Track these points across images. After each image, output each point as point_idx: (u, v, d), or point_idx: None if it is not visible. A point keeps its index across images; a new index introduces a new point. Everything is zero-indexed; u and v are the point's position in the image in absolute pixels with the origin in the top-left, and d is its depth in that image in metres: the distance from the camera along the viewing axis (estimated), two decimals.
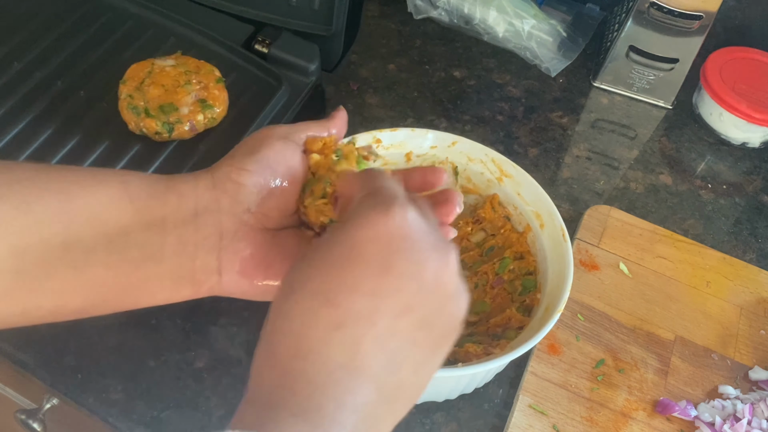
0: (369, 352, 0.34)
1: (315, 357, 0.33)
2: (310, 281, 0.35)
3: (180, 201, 0.42)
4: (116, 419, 0.57)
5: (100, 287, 0.40)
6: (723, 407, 0.62)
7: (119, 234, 0.40)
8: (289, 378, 0.33)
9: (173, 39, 0.78)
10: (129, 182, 0.42)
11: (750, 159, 0.87)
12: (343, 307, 0.34)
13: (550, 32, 0.92)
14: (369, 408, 0.34)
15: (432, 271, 0.36)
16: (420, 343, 0.36)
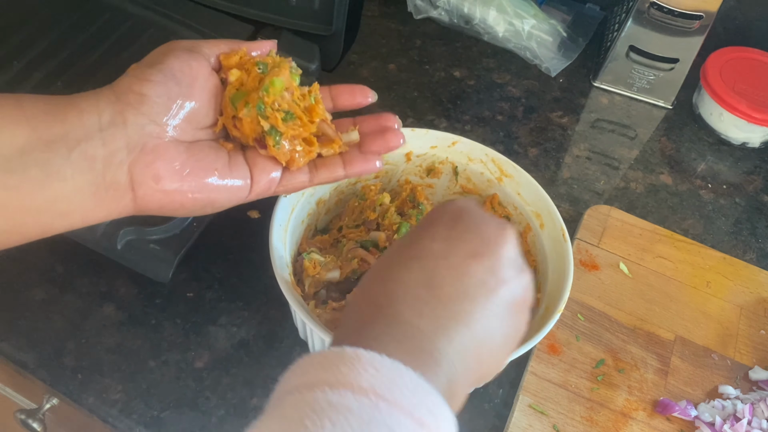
0: (444, 277, 0.38)
1: (397, 277, 0.39)
2: (397, 244, 0.42)
3: (81, 116, 0.41)
4: (116, 419, 0.57)
5: (4, 210, 0.39)
6: (723, 407, 0.62)
7: (17, 154, 0.39)
8: (376, 298, 0.38)
9: (173, 39, 0.77)
10: (23, 101, 0.40)
11: (750, 159, 0.87)
12: (421, 246, 0.40)
13: (550, 32, 0.92)
14: (443, 321, 0.37)
15: (492, 231, 0.41)
16: (492, 288, 0.39)
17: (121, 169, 0.41)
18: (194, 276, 0.66)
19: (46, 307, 0.62)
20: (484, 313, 0.38)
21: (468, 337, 0.37)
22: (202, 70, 0.45)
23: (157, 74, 0.43)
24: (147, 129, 0.42)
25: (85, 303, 0.63)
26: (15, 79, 0.72)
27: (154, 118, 0.42)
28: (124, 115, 0.41)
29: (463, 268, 0.39)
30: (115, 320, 0.62)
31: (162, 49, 0.45)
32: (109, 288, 0.64)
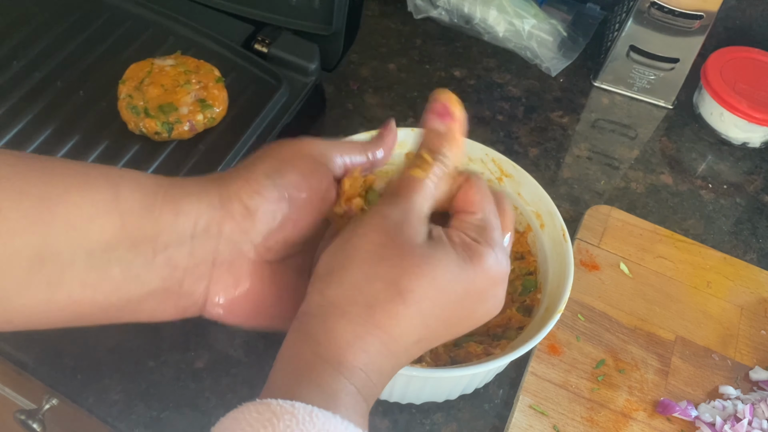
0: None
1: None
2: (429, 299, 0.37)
3: (176, 219, 0.37)
4: (116, 419, 0.57)
5: (76, 306, 0.36)
6: (723, 407, 0.62)
7: (102, 249, 0.36)
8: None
9: (173, 39, 0.78)
10: (121, 190, 0.37)
11: (750, 159, 0.87)
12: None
13: (550, 32, 0.92)
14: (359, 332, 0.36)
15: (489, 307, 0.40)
16: None
17: (200, 282, 0.38)
18: None
19: None
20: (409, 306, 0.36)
21: (382, 341, 0.36)
22: (321, 187, 0.40)
23: (270, 189, 0.38)
24: (239, 246, 0.38)
25: None
26: (15, 79, 0.72)
27: (251, 236, 0.38)
28: (221, 225, 0.38)
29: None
30: None
31: (287, 150, 0.40)
32: None
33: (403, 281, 0.35)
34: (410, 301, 0.35)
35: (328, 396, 0.33)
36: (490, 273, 0.38)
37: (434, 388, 0.58)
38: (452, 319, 0.38)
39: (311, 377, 0.34)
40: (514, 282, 0.63)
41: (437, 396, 0.60)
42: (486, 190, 0.41)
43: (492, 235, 0.39)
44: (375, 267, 0.36)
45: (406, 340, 0.36)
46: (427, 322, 0.36)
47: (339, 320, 0.35)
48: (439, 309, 0.36)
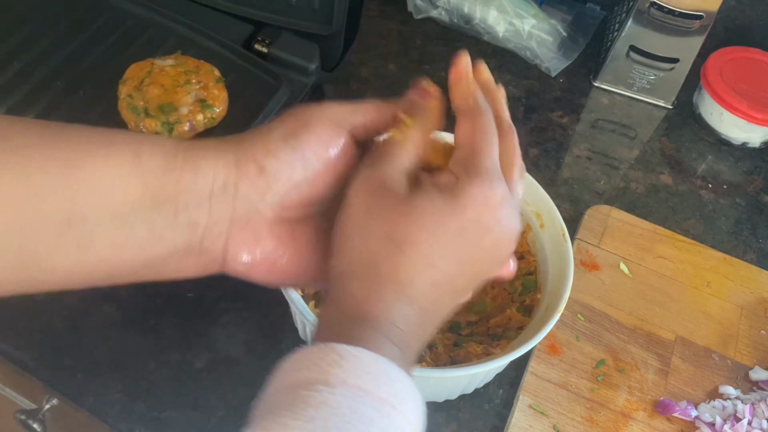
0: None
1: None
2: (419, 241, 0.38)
3: (195, 179, 0.38)
4: (116, 419, 0.57)
5: (105, 266, 0.38)
6: (723, 407, 0.62)
7: (128, 211, 0.37)
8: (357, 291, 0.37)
9: (173, 39, 0.77)
10: (142, 153, 0.38)
11: (750, 159, 0.87)
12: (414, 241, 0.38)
13: (550, 32, 0.92)
14: (381, 289, 0.37)
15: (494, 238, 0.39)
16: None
17: (219, 239, 0.39)
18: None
19: (46, 307, 0.62)
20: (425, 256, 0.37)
21: (408, 296, 0.37)
22: (340, 153, 0.41)
23: (286, 151, 0.39)
24: (255, 205, 0.39)
25: (85, 303, 0.63)
26: (15, 79, 0.72)
27: (267, 195, 0.39)
28: (237, 185, 0.39)
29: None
30: (115, 320, 0.62)
31: (305, 115, 0.41)
32: (109, 288, 0.64)
33: (395, 233, 0.37)
34: (407, 249, 0.37)
35: (356, 342, 0.35)
36: (477, 201, 0.37)
37: (434, 388, 0.58)
38: (460, 256, 0.38)
39: (339, 330, 0.36)
40: (514, 282, 0.63)
41: (437, 396, 0.60)
42: (482, 122, 0.41)
43: (477, 164, 0.39)
44: (368, 227, 0.38)
45: (418, 284, 0.37)
46: (433, 263, 0.37)
47: (351, 282, 0.37)
48: (439, 248, 0.37)
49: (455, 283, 0.39)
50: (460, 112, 0.42)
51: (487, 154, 0.39)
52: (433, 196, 0.38)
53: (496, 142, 0.40)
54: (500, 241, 0.39)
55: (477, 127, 0.40)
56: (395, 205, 0.37)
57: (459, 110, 0.42)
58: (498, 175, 0.39)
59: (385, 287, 0.37)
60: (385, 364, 0.34)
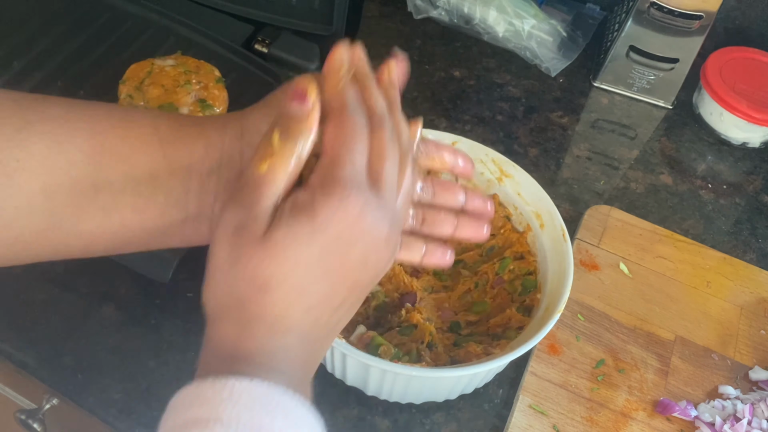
0: None
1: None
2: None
3: (208, 148, 0.41)
4: (116, 419, 0.57)
5: (127, 230, 0.40)
6: (723, 407, 0.62)
7: (148, 178, 0.40)
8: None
9: (173, 39, 0.78)
10: (159, 125, 0.41)
11: (750, 159, 0.87)
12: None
13: (550, 32, 0.92)
14: (253, 325, 0.37)
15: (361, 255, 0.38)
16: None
17: None
18: (194, 276, 0.65)
19: (46, 307, 0.62)
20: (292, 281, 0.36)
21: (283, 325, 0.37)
22: None
23: None
24: None
25: (85, 303, 0.63)
26: (15, 79, 0.72)
27: None
28: (243, 154, 0.41)
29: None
30: (115, 320, 0.62)
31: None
32: (109, 288, 0.64)
33: (258, 274, 0.36)
34: (273, 287, 0.36)
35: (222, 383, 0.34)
36: (334, 218, 0.36)
37: (434, 388, 0.58)
38: (329, 275, 0.37)
39: (219, 370, 0.36)
40: (514, 282, 0.63)
41: (437, 396, 0.60)
42: (344, 125, 0.38)
43: (334, 175, 0.36)
44: (232, 272, 0.37)
45: (291, 315, 0.37)
46: (303, 290, 0.36)
47: (222, 324, 0.38)
48: (306, 275, 0.36)
49: (332, 301, 0.38)
50: (327, 113, 0.39)
51: (346, 161, 0.37)
52: (291, 224, 0.36)
53: (361, 145, 0.38)
54: (368, 251, 0.38)
55: (338, 131, 0.38)
56: (255, 247, 0.36)
57: (326, 111, 0.39)
58: (356, 183, 0.36)
59: (256, 326, 0.36)
60: (278, 393, 0.34)
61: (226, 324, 0.38)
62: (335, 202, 0.36)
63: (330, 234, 0.36)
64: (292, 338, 0.37)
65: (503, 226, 0.66)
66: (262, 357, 0.36)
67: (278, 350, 0.36)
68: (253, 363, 0.36)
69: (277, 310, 0.36)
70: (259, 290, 0.36)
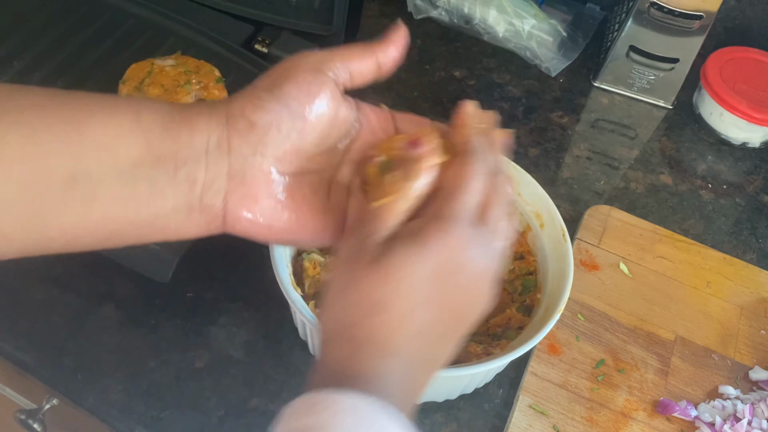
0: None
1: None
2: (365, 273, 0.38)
3: (192, 136, 0.40)
4: (116, 419, 0.57)
5: (111, 222, 0.39)
6: (723, 407, 0.62)
7: (129, 167, 0.39)
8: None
9: (173, 39, 0.78)
10: (142, 112, 0.40)
11: (750, 159, 0.87)
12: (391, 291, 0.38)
13: (550, 32, 0.92)
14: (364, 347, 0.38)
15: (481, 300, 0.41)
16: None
17: (218, 195, 0.40)
18: (194, 276, 0.66)
19: (46, 307, 0.62)
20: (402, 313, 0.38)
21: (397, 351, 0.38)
22: (323, 96, 0.42)
23: (270, 101, 0.40)
24: (249, 159, 0.40)
25: (85, 303, 0.63)
26: (15, 79, 0.72)
27: (259, 148, 0.40)
28: (230, 141, 0.40)
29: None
30: (115, 320, 0.62)
31: (286, 66, 0.42)
32: (109, 288, 0.64)
33: (370, 297, 0.37)
34: (382, 310, 0.37)
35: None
36: (439, 244, 0.38)
37: (434, 388, 0.58)
38: (436, 300, 0.38)
39: (321, 392, 0.37)
40: (514, 282, 0.63)
41: (437, 396, 0.60)
42: (465, 167, 0.40)
43: (446, 207, 0.39)
44: (346, 295, 0.38)
45: (398, 338, 0.38)
46: (410, 314, 0.38)
47: (334, 346, 0.39)
48: (414, 298, 0.38)
49: (435, 329, 0.39)
50: (458, 154, 0.41)
51: (460, 197, 0.39)
52: (405, 246, 0.38)
53: (476, 186, 0.40)
54: (469, 282, 0.39)
55: (459, 171, 0.40)
56: (366, 270, 0.38)
57: (455, 153, 0.41)
58: (463, 217, 0.39)
59: (365, 348, 0.37)
60: (389, 413, 0.35)
61: (337, 345, 0.38)
62: (442, 232, 0.38)
63: (436, 260, 0.38)
64: (397, 362, 0.38)
65: None
66: (367, 379, 0.37)
67: (384, 374, 0.37)
68: (359, 383, 0.36)
69: (385, 333, 0.37)
70: (368, 312, 0.37)
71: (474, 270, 0.39)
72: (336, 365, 0.38)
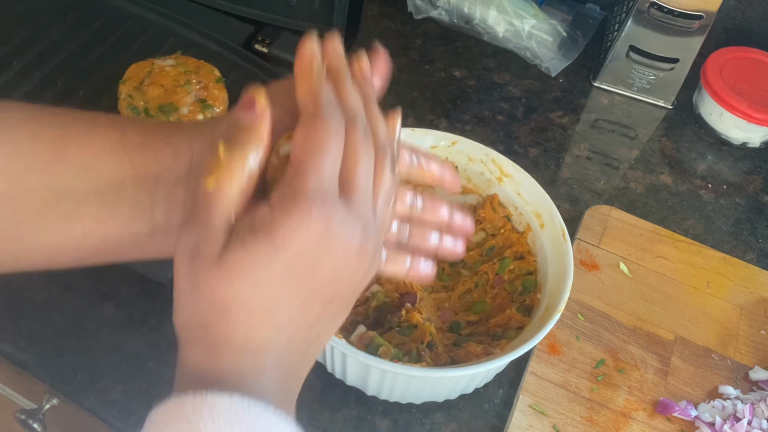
0: None
1: None
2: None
3: (176, 156, 0.39)
4: (116, 419, 0.57)
5: (91, 241, 0.39)
6: (723, 407, 0.62)
7: (112, 186, 0.38)
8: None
9: (173, 39, 0.78)
10: (126, 132, 0.39)
11: (750, 159, 0.87)
12: None
13: (550, 32, 0.92)
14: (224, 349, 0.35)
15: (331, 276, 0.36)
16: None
17: None
18: None
19: (46, 307, 0.62)
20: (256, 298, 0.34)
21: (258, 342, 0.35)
22: None
23: None
24: None
25: (85, 303, 0.63)
26: (15, 79, 0.72)
27: None
28: None
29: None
30: (115, 320, 0.62)
31: (274, 89, 0.39)
32: (109, 288, 0.64)
33: (217, 297, 0.34)
34: (234, 310, 0.34)
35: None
36: (296, 235, 0.33)
37: (434, 388, 0.58)
38: (298, 294, 0.35)
39: (185, 389, 0.35)
40: (514, 282, 0.63)
41: (437, 396, 0.60)
42: (314, 130, 0.35)
43: (298, 186, 0.34)
44: (193, 296, 0.35)
45: (259, 336, 0.35)
46: (270, 311, 0.35)
47: (189, 349, 0.36)
48: (270, 296, 0.34)
49: (305, 318, 0.36)
50: (300, 116, 0.36)
51: (311, 170, 0.34)
52: (247, 244, 0.33)
53: (331, 152, 0.35)
54: (339, 265, 0.35)
55: (307, 137, 0.35)
56: (210, 270, 0.34)
57: (300, 114, 0.36)
58: (321, 195, 0.34)
59: (222, 350, 0.35)
60: (259, 408, 0.33)
61: (194, 348, 0.36)
62: (295, 220, 0.33)
63: (292, 253, 0.33)
64: (265, 359, 0.35)
65: (503, 226, 0.66)
66: (232, 379, 0.34)
67: (250, 372, 0.35)
68: (225, 385, 0.34)
69: (242, 333, 0.34)
70: (219, 315, 0.34)
71: (340, 252, 0.35)
72: (195, 370, 0.35)
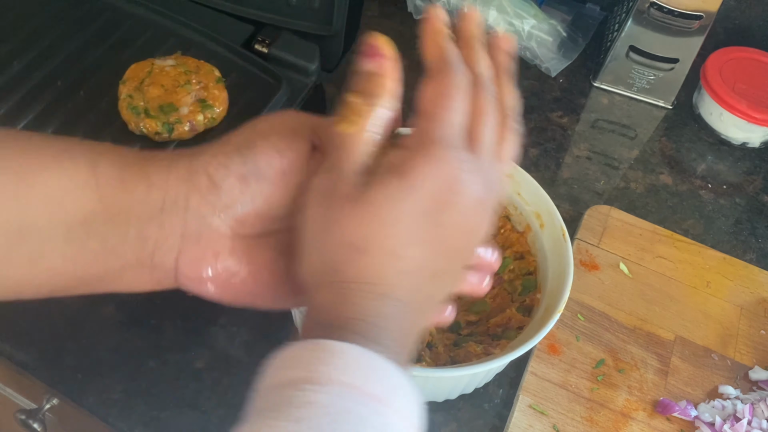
0: None
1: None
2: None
3: (149, 192, 0.37)
4: (116, 419, 0.57)
5: (58, 278, 0.37)
6: (723, 407, 0.62)
7: (80, 223, 0.36)
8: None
9: (173, 39, 0.78)
10: (98, 164, 0.37)
11: (750, 159, 0.87)
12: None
13: (550, 32, 0.92)
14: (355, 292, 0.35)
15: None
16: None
17: (169, 254, 0.38)
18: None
19: (46, 307, 0.62)
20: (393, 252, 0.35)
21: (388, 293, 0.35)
22: (296, 162, 0.38)
23: (238, 163, 0.37)
24: (207, 220, 0.37)
25: (85, 303, 0.63)
26: (15, 79, 0.72)
27: (218, 210, 0.37)
28: (188, 199, 0.37)
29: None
30: (115, 320, 0.62)
31: (261, 125, 0.39)
32: None
33: (352, 236, 0.34)
34: (367, 249, 0.34)
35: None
36: (427, 177, 0.34)
37: (434, 388, 0.58)
38: (425, 237, 0.35)
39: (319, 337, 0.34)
40: (514, 282, 0.63)
41: (437, 396, 0.60)
42: (442, 84, 0.37)
43: (430, 134, 0.35)
44: (325, 236, 0.35)
45: (387, 278, 0.35)
46: (398, 253, 0.35)
47: (318, 292, 0.36)
48: (401, 236, 0.35)
49: (431, 266, 0.36)
50: (426, 72, 0.38)
51: (443, 119, 0.36)
52: (385, 182, 0.34)
53: (460, 104, 0.36)
54: (468, 212, 0.36)
55: (436, 89, 0.37)
56: (347, 208, 0.35)
57: (426, 70, 0.38)
58: (452, 143, 0.35)
59: (352, 291, 0.35)
60: (374, 359, 0.32)
61: (323, 291, 0.35)
62: (429, 162, 0.34)
63: (424, 194, 0.34)
64: (389, 305, 0.35)
65: (503, 226, 0.66)
66: (359, 325, 0.34)
67: (376, 318, 0.35)
68: (349, 330, 0.34)
69: (372, 273, 0.35)
70: (353, 253, 0.34)
71: (468, 200, 0.36)
72: (324, 313, 0.35)
